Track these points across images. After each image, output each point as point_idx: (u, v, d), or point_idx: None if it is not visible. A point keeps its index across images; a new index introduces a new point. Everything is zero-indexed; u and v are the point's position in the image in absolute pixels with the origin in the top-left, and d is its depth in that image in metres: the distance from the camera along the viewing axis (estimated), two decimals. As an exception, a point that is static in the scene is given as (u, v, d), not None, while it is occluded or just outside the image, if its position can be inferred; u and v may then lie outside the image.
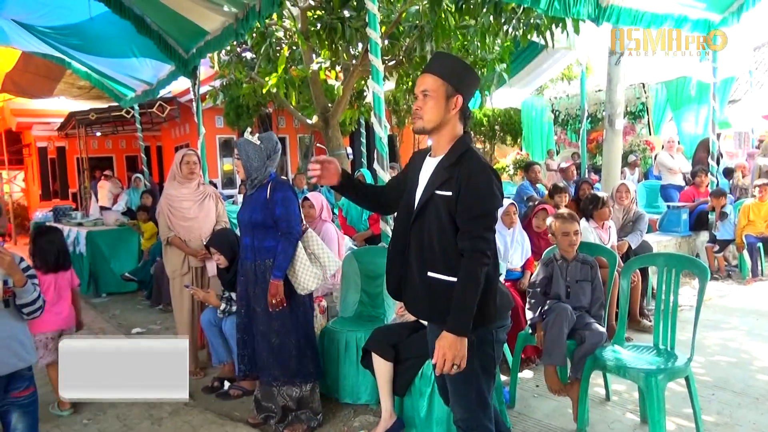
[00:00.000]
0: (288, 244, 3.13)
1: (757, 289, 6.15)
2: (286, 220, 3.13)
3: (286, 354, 3.19)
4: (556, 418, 3.27)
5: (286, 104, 7.43)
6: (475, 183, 1.96)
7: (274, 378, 3.21)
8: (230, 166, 14.19)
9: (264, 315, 3.19)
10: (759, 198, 6.70)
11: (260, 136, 3.23)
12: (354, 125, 8.40)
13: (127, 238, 7.47)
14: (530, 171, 7.33)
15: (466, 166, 1.98)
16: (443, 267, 2.00)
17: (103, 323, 5.89)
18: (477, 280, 1.92)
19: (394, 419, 3.07)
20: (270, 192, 3.16)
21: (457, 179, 1.97)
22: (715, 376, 3.78)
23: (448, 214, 1.98)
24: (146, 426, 3.43)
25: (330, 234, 4.73)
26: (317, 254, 3.28)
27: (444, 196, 1.99)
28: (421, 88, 2.05)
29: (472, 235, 1.94)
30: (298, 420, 3.25)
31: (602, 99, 9.82)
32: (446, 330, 1.91)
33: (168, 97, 10.92)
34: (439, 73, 2.03)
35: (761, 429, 3.05)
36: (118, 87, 8.27)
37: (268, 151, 3.21)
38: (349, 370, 3.61)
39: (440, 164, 2.05)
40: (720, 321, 4.94)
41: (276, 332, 3.18)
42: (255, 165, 3.19)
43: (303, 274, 3.15)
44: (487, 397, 2.10)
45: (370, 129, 10.03)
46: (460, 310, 1.91)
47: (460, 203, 1.96)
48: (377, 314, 3.94)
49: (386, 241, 4.16)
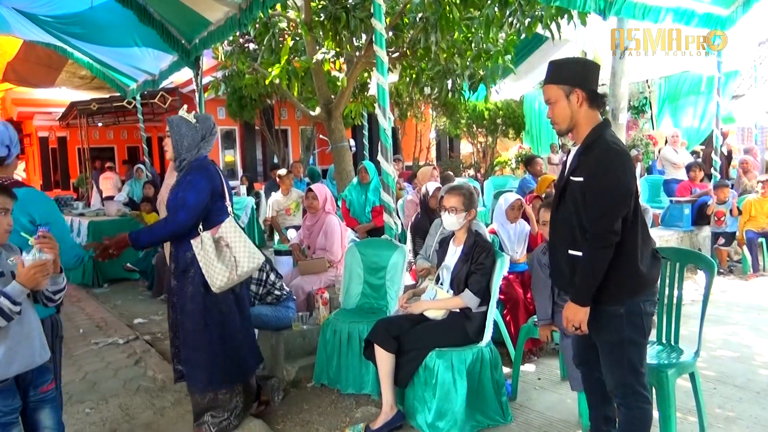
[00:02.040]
0: (164, 225, 2.93)
1: (760, 284, 6.15)
2: (180, 203, 2.88)
3: (201, 356, 2.97)
4: (557, 411, 3.28)
5: (288, 95, 7.39)
6: (601, 168, 2.15)
7: (191, 380, 3.02)
8: (232, 157, 14.18)
9: (179, 312, 3.00)
10: (762, 194, 6.69)
11: (197, 116, 3.04)
12: (359, 119, 8.36)
13: (129, 228, 7.40)
14: (532, 164, 7.32)
15: (594, 152, 2.19)
16: (580, 246, 2.24)
17: (105, 313, 5.90)
18: (596, 258, 2.16)
19: (395, 411, 3.08)
20: (186, 174, 2.96)
21: (586, 165, 2.20)
22: (717, 370, 3.78)
23: (582, 197, 2.20)
24: (148, 415, 3.44)
25: (333, 225, 4.73)
26: (233, 246, 2.93)
27: (576, 181, 2.23)
28: (545, 99, 2.32)
29: (596, 216, 2.15)
30: (206, 425, 3.03)
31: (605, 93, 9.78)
32: (569, 299, 2.24)
33: (170, 87, 10.89)
34: (551, 80, 2.29)
35: (763, 423, 3.05)
36: (119, 77, 8.24)
37: (203, 132, 3.00)
38: (352, 361, 3.62)
39: (576, 152, 2.29)
40: (722, 316, 4.94)
41: (191, 332, 2.97)
42: (186, 144, 2.96)
43: (207, 267, 2.87)
44: (638, 365, 2.27)
45: (373, 121, 10.00)
46: (580, 283, 2.20)
47: (586, 187, 2.18)
48: (380, 306, 3.94)
49: (389, 233, 4.15)
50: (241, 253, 2.93)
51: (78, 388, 3.89)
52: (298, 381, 3.85)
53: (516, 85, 10.83)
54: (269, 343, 4.11)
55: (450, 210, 3.20)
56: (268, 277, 3.93)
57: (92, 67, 7.99)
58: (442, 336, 3.10)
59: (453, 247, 3.31)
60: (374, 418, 3.11)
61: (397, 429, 3.08)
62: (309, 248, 4.87)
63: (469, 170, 15.17)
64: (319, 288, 4.34)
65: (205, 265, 2.89)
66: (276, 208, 7.02)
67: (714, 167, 7.21)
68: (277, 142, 12.78)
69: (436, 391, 2.96)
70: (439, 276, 3.33)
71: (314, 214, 4.84)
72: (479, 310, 3.14)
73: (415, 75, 6.37)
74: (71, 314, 5.95)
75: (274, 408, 3.48)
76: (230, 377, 3.06)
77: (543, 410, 3.31)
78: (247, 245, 2.97)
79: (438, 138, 16.77)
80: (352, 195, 6.01)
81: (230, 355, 3.04)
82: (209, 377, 2.99)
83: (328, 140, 7.33)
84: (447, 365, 2.96)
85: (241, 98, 10.97)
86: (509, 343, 3.95)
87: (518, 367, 3.55)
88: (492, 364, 3.11)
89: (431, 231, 4.42)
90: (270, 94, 10.42)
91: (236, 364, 3.08)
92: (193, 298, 2.96)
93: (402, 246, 4.03)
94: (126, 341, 4.87)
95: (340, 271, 4.45)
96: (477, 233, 3.28)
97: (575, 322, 2.24)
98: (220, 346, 3.00)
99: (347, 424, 3.21)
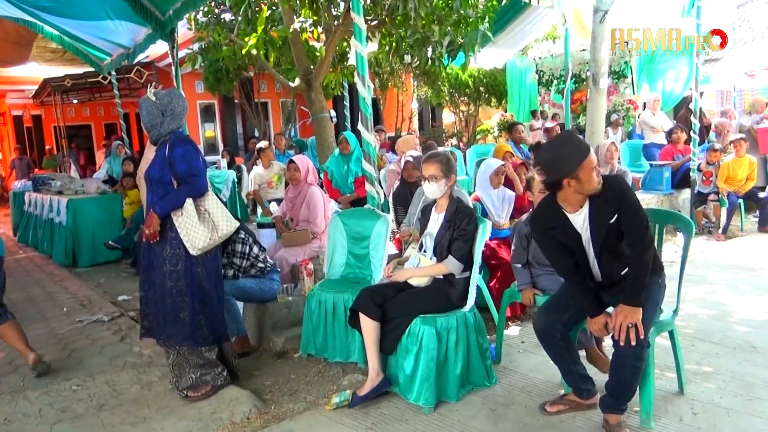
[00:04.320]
0: (184, 189, 3.07)
1: (737, 244, 6.27)
2: (190, 173, 3.06)
3: (179, 315, 3.14)
4: (541, 372, 3.34)
5: (267, 67, 7.27)
6: (623, 196, 2.57)
7: (168, 337, 3.18)
8: (212, 132, 13.98)
9: (160, 275, 3.14)
10: (736, 153, 6.79)
11: (157, 92, 3.13)
12: (339, 89, 8.27)
13: (110, 206, 7.39)
14: (513, 131, 7.32)
15: (608, 193, 2.56)
16: (627, 261, 2.63)
17: (89, 291, 5.86)
18: (648, 261, 2.54)
19: (381, 377, 3.11)
20: (169, 148, 3.08)
21: (610, 205, 2.56)
22: (695, 328, 3.87)
23: (618, 228, 2.58)
24: (136, 390, 3.44)
25: (316, 197, 4.71)
26: (211, 211, 3.16)
27: (613, 222, 2.56)
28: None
29: (642, 231, 2.55)
30: (203, 382, 3.25)
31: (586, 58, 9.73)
32: (624, 304, 2.52)
33: (146, 61, 10.65)
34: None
35: (738, 377, 3.14)
36: (93, 52, 8.00)
37: (162, 107, 3.11)
38: (338, 330, 3.64)
39: (595, 205, 2.60)
40: (701, 276, 5.04)
41: (169, 292, 3.12)
42: (151, 122, 3.12)
43: (189, 231, 3.06)
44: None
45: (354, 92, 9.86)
46: (638, 286, 2.54)
47: (623, 218, 2.55)
48: (364, 275, 3.95)
49: (371, 202, 4.14)
50: (219, 217, 3.16)
51: (64, 365, 3.88)
52: (285, 352, 3.87)
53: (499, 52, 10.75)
54: (255, 316, 4.12)
55: (430, 179, 3.19)
56: (252, 249, 3.91)
57: (64, 42, 7.74)
58: (426, 302, 3.12)
59: (435, 215, 3.31)
60: (361, 385, 3.14)
61: (383, 394, 3.12)
62: (292, 220, 4.85)
63: (452, 139, 15.14)
64: (303, 259, 4.34)
65: (187, 228, 3.06)
66: (258, 181, 6.96)
67: (693, 130, 7.26)
68: (258, 116, 12.60)
69: (420, 356, 2.99)
70: (422, 243, 3.34)
71: (296, 186, 4.80)
72: (462, 276, 3.16)
73: (395, 43, 6.28)
74: (54, 293, 5.90)
75: (261, 379, 3.50)
76: (208, 336, 3.22)
77: (527, 372, 3.37)
78: (223, 211, 3.19)
79: (420, 108, 16.68)
80: (334, 166, 5.96)
81: (208, 314, 3.21)
82: (191, 332, 3.16)
83: (308, 111, 7.24)
84: (431, 331, 2.98)
85: (218, 71, 10.76)
86: (493, 308, 4.00)
87: (502, 330, 3.59)
88: (476, 328, 3.15)
89: (414, 200, 4.42)
90: (248, 66, 10.23)
91: (213, 325, 3.24)
92: (171, 259, 3.12)
93: (385, 215, 4.02)
94: (111, 318, 4.84)
95: (323, 242, 4.44)
96: (458, 200, 3.28)
97: (634, 321, 2.46)
98: (200, 305, 3.17)
99: (334, 392, 3.24)
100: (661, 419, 2.75)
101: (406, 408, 3.02)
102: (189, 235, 3.06)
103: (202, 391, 3.23)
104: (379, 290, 3.23)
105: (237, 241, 3.83)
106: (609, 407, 2.65)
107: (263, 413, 3.09)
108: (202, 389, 3.24)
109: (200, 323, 3.18)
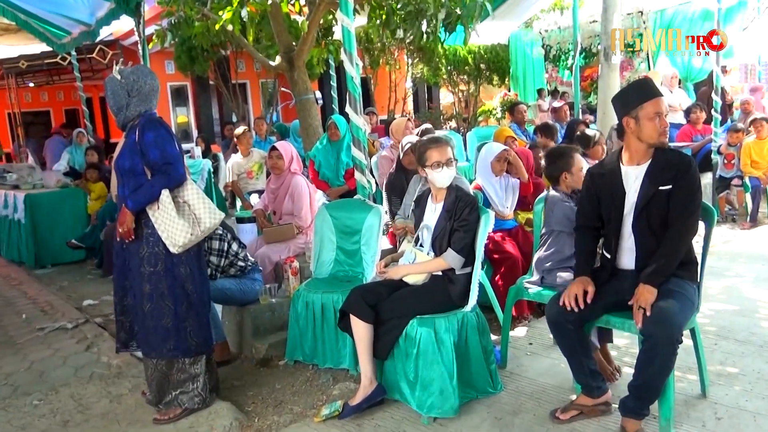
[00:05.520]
0: (159, 179, 2.98)
1: (764, 234, 6.30)
2: (164, 161, 2.97)
3: (160, 322, 3.06)
4: (551, 376, 3.35)
5: (244, 44, 7.22)
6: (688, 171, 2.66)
7: (151, 348, 3.11)
8: (184, 117, 13.91)
9: (137, 276, 3.08)
10: (757, 136, 6.82)
11: (122, 69, 3.05)
12: (322, 66, 8.25)
13: (72, 201, 7.33)
14: (515, 112, 7.34)
15: (673, 161, 2.71)
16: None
17: (50, 296, 5.83)
18: (686, 245, 2.72)
19: (375, 385, 3.11)
20: (139, 132, 2.99)
21: (668, 173, 2.67)
22: (718, 324, 3.89)
23: (666, 200, 2.67)
24: (104, 404, 3.43)
25: (300, 187, 4.70)
26: (191, 203, 3.08)
27: (664, 189, 2.66)
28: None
29: (693, 210, 2.67)
30: (177, 403, 3.16)
31: (597, 31, 9.73)
32: (645, 283, 2.63)
33: (109, 40, 10.55)
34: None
35: (765, 378, 3.16)
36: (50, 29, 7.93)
37: (129, 87, 3.03)
38: (327, 334, 3.64)
39: (652, 167, 2.72)
40: (724, 268, 5.07)
41: (149, 296, 3.05)
42: (117, 104, 3.04)
43: (167, 226, 2.98)
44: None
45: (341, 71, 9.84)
46: (665, 268, 2.66)
47: (678, 190, 2.65)
48: (355, 273, 3.95)
49: (362, 193, 4.14)
50: (201, 210, 3.07)
51: (24, 378, 3.86)
52: (269, 359, 3.87)
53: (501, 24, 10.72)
54: (235, 320, 4.11)
55: (447, 163, 3.17)
56: (230, 246, 3.89)
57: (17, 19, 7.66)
58: (423, 302, 3.12)
59: (432, 205, 3.30)
60: (353, 394, 3.15)
61: (378, 404, 3.12)
62: (275, 214, 4.84)
63: (451, 122, 15.13)
64: (287, 257, 4.34)
65: (164, 224, 2.98)
66: (236, 171, 6.94)
67: (714, 108, 7.28)
68: (235, 98, 12.54)
69: (418, 361, 2.99)
70: (418, 237, 3.34)
71: (279, 176, 4.79)
72: (463, 272, 3.16)
73: (385, 16, 6.25)
74: (12, 299, 5.86)
75: (243, 389, 3.50)
76: (194, 345, 3.15)
77: (535, 377, 3.38)
78: (205, 201, 3.10)
79: (415, 87, 16.62)
80: (322, 155, 5.94)
81: (193, 320, 3.13)
82: (176, 342, 3.08)
83: (291, 93, 7.21)
84: (429, 333, 2.99)
85: (191, 49, 10.68)
86: (497, 307, 4.01)
87: (507, 332, 3.60)
88: (479, 329, 3.15)
89: (410, 189, 4.41)
90: (224, 44, 10.16)
91: (199, 331, 3.17)
92: (149, 259, 3.04)
93: (377, 207, 4.02)
94: (75, 325, 4.82)
95: (309, 238, 4.44)
96: (458, 187, 3.27)
97: (645, 303, 2.55)
98: (185, 310, 3.10)
99: (324, 402, 3.25)
100: (683, 425, 2.77)
101: (402, 419, 3.03)
102: (168, 231, 2.98)
103: (171, 414, 3.13)
104: (372, 289, 3.23)
105: (214, 237, 3.81)
106: (630, 410, 2.66)
107: (246, 427, 3.09)
108: (171, 412, 3.14)
109: (186, 331, 3.10)
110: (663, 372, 2.54)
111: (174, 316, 3.08)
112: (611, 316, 2.84)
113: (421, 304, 3.11)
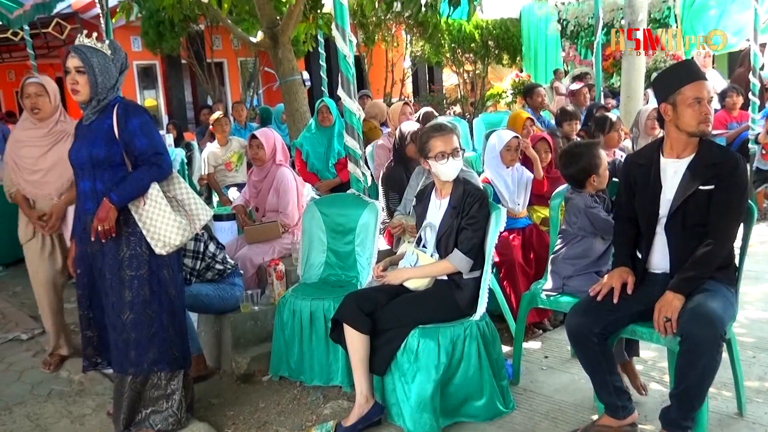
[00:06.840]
0: (149, 171, 2.97)
1: (807, 233, 6.33)
2: (153, 151, 2.97)
3: (145, 333, 3.03)
4: (568, 393, 3.37)
5: (221, 18, 7.22)
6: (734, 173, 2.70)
7: (130, 364, 3.05)
8: (153, 100, 13.88)
9: (114, 283, 3.01)
10: None
11: (112, 42, 3.04)
12: (311, 43, 8.25)
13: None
14: (533, 95, 7.31)
15: (722, 161, 2.72)
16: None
17: (2, 303, 5.84)
18: (723, 253, 2.74)
19: (372, 403, 3.13)
20: (120, 118, 2.96)
21: (714, 173, 2.69)
22: (757, 336, 3.91)
23: (707, 202, 2.69)
24: (65, 425, 3.44)
25: (286, 180, 4.71)
26: (182, 199, 3.11)
27: (706, 189, 2.68)
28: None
29: (735, 217, 2.73)
30: (148, 424, 3.13)
31: (620, 4, 9.76)
32: (673, 291, 2.65)
33: (67, 13, 10.54)
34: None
35: (811, 395, 3.19)
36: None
37: (118, 64, 3.03)
38: (317, 346, 3.65)
39: (694, 163, 2.75)
40: (762, 271, 5.09)
41: (129, 304, 3.00)
42: (107, 83, 2.98)
43: (156, 224, 2.96)
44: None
45: (331, 49, 9.84)
46: (700, 275, 2.68)
47: (720, 192, 2.67)
48: (348, 278, 3.96)
49: (356, 186, 4.14)
50: (193, 204, 3.12)
51: (-27, 396, 3.87)
52: (251, 374, 3.88)
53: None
54: (212, 330, 4.12)
55: (454, 153, 3.19)
56: (207, 247, 3.90)
57: (-38, -11, 7.65)
58: (426, 309, 3.13)
59: (437, 201, 3.31)
60: (347, 414, 3.16)
61: (374, 425, 3.13)
62: (257, 210, 4.85)
63: (455, 106, 15.15)
64: (271, 259, 4.34)
65: (153, 221, 2.97)
66: (213, 162, 6.93)
67: (752, 92, 7.30)
68: (211, 79, 12.52)
69: (420, 377, 3.00)
70: (420, 237, 3.34)
71: (261, 168, 4.80)
72: (471, 276, 3.17)
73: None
74: (-42, 307, 5.85)
75: (222, 408, 3.51)
76: (179, 356, 3.16)
77: (551, 394, 3.40)
78: (194, 195, 3.16)
79: (415, 67, 16.65)
80: (309, 143, 5.94)
81: (176, 329, 3.15)
82: (160, 353, 3.07)
83: (275, 74, 7.21)
84: (433, 345, 3.00)
85: (159, 24, 10.68)
86: (509, 316, 4.02)
87: (520, 343, 3.61)
88: (488, 341, 3.17)
89: (411, 182, 4.41)
90: (197, 18, 10.15)
91: (181, 344, 3.18)
92: (130, 262, 3.01)
93: (373, 202, 4.03)
94: (31, 336, 4.82)
95: (297, 237, 4.44)
96: (466, 180, 3.29)
97: (670, 312, 2.58)
98: (168, 317, 3.11)
99: (313, 423, 3.25)
100: (717, 447, 2.79)
101: (403, 441, 3.05)
102: (157, 229, 2.97)
103: None
104: (368, 296, 3.24)
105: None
106: (672, 422, 2.62)
107: (225, 451, 3.10)
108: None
109: (170, 341, 3.10)
110: (707, 374, 2.51)
111: (159, 324, 3.07)
112: (638, 326, 2.84)
113: (423, 312, 3.12)
